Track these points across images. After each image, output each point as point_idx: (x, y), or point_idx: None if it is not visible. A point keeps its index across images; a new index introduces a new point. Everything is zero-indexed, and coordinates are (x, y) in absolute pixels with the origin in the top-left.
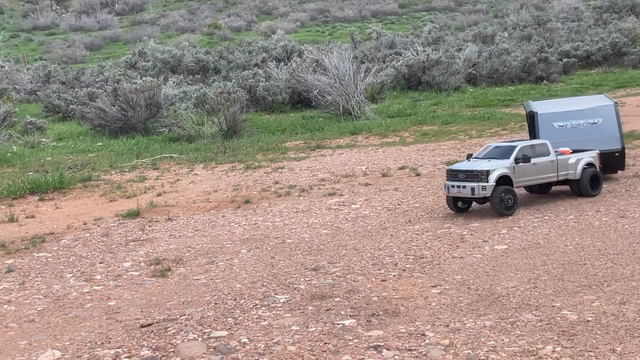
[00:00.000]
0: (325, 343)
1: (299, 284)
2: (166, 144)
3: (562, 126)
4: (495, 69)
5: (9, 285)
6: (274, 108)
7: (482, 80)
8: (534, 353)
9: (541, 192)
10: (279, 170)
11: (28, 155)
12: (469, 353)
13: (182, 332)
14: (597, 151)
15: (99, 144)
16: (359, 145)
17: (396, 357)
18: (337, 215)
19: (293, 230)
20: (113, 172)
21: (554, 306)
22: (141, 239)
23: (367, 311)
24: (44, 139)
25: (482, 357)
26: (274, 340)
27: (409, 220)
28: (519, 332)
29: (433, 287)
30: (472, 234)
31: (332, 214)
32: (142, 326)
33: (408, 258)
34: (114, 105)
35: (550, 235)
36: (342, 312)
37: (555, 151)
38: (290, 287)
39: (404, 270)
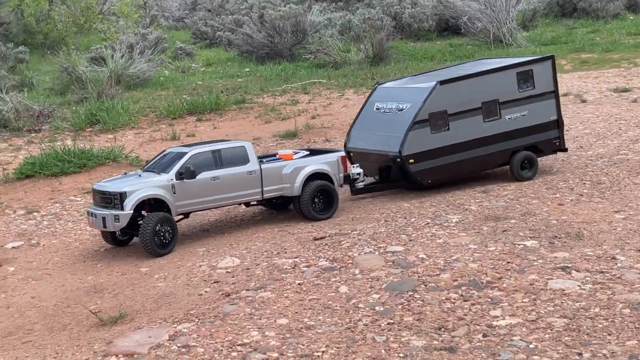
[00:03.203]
0: (507, 262)
1: (470, 205)
2: (312, 70)
3: (379, 109)
4: None
5: None
6: (420, 36)
7: None
8: None
9: (276, 207)
10: None
11: (180, 80)
12: None
13: (357, 246)
14: (341, 154)
15: (247, 69)
16: None
17: (587, 278)
18: None
19: None
20: (265, 96)
21: None
22: None
23: (548, 233)
24: (193, 65)
25: None
26: (453, 257)
27: (580, 147)
28: None
29: (616, 212)
30: None
31: None
32: (315, 239)
33: (584, 183)
34: (260, 32)
35: None
36: (521, 234)
37: (272, 156)
38: (460, 208)
39: (581, 195)
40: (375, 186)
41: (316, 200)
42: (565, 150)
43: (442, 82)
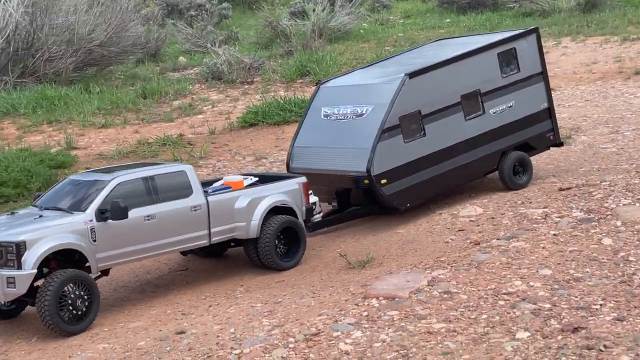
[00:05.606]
0: None
1: None
2: (518, 19)
3: (328, 115)
4: None
5: None
6: None
7: None
8: None
9: (212, 254)
10: None
11: (380, 32)
12: None
13: (612, 197)
14: (303, 180)
15: (447, 20)
16: None
17: None
18: None
19: None
20: None
21: None
22: None
23: None
24: (391, 17)
25: None
26: None
27: None
28: None
29: None
30: None
31: None
32: (561, 189)
33: None
34: None
35: None
36: None
37: (211, 184)
38: None
39: None
40: (337, 217)
41: (276, 243)
42: (561, 144)
43: (411, 75)
